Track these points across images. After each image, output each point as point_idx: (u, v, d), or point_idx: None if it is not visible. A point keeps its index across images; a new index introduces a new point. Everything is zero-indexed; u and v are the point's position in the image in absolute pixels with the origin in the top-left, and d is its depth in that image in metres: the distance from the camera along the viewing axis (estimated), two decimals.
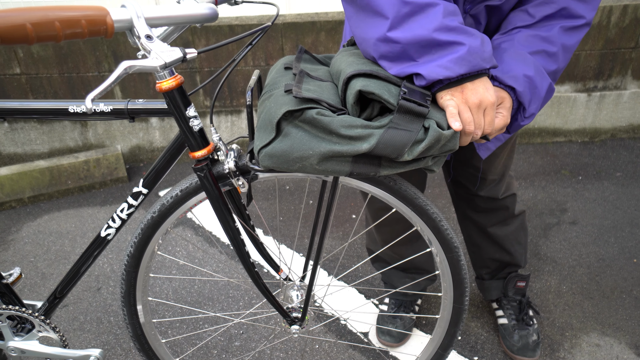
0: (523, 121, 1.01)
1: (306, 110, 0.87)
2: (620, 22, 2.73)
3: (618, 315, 1.77)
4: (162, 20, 0.81)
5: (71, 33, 0.67)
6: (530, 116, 1.00)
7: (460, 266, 1.18)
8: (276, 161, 0.91)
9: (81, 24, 0.67)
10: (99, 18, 0.69)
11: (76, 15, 0.67)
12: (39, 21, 0.64)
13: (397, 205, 1.13)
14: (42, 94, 2.84)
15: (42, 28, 0.64)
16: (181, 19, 0.85)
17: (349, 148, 0.86)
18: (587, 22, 1.02)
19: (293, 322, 1.27)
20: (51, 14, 0.65)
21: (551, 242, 2.17)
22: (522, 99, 0.97)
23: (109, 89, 0.75)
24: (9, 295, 1.29)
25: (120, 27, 0.75)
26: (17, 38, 0.63)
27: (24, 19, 0.63)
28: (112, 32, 0.72)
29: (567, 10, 1.00)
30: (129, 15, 0.76)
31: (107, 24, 0.70)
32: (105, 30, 0.71)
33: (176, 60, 0.82)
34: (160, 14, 0.81)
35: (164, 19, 0.82)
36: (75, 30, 0.67)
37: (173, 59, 0.81)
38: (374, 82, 0.88)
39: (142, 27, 0.77)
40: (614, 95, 2.94)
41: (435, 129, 0.86)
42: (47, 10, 0.65)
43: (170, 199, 1.12)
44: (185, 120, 1.00)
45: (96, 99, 0.77)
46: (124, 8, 0.76)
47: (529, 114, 0.99)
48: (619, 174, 2.66)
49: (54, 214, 2.56)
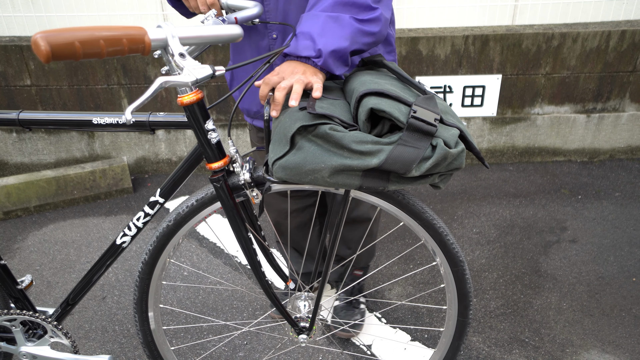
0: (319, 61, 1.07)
1: (319, 125, 0.92)
2: (619, 47, 2.80)
3: (618, 333, 1.80)
4: (193, 40, 0.86)
5: (113, 50, 0.72)
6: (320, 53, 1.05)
7: (465, 280, 1.22)
8: (289, 173, 0.95)
9: (122, 42, 0.72)
10: (139, 37, 0.74)
11: (119, 34, 0.72)
12: (86, 40, 0.69)
13: (404, 219, 1.17)
14: (51, 105, 2.89)
15: (88, 46, 0.69)
16: (211, 39, 0.90)
17: (359, 162, 0.90)
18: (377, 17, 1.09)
19: (301, 331, 1.29)
20: (97, 33, 0.70)
21: (551, 260, 2.20)
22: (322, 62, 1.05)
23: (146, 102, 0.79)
24: (22, 301, 1.31)
25: (157, 46, 0.80)
26: (67, 54, 0.68)
27: (74, 37, 0.68)
28: (149, 50, 0.77)
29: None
30: (164, 34, 0.81)
31: (145, 42, 0.75)
32: (143, 48, 0.76)
33: (206, 76, 0.86)
34: (192, 34, 0.86)
35: (195, 39, 0.87)
36: (117, 48, 0.72)
37: (204, 75, 0.86)
38: (385, 101, 0.93)
39: (176, 46, 0.82)
40: (613, 117, 3.00)
41: (443, 147, 0.90)
42: (94, 30, 0.70)
43: (186, 209, 1.16)
44: (204, 133, 1.04)
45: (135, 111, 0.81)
46: (160, 28, 0.81)
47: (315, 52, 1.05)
48: (617, 194, 2.70)
49: (60, 223, 2.58)
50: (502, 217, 2.53)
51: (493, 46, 2.79)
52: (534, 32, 2.77)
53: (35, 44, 0.66)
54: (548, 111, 2.99)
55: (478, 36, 2.76)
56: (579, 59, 2.84)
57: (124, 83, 2.84)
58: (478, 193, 2.77)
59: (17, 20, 2.86)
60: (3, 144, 2.97)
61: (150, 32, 0.78)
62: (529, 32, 2.77)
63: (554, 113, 3.00)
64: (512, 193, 2.75)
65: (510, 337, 1.79)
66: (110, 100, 2.88)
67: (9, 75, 2.79)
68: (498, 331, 1.82)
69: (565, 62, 2.85)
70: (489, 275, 2.11)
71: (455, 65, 2.83)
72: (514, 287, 2.04)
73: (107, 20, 2.87)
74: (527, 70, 2.86)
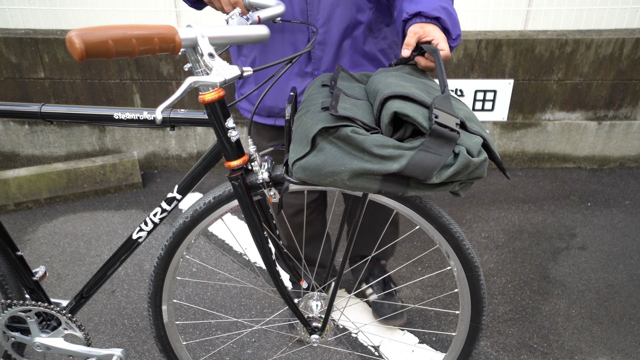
0: (453, 43, 1.18)
1: (341, 127, 0.91)
2: (632, 54, 2.79)
3: (627, 341, 1.80)
4: (223, 40, 0.87)
5: (145, 49, 0.73)
6: (457, 37, 1.17)
7: (479, 285, 1.22)
8: (309, 174, 0.94)
9: (154, 41, 0.73)
10: (169, 36, 0.75)
11: (150, 33, 0.72)
12: (119, 38, 0.70)
13: (420, 223, 1.17)
14: (63, 98, 2.90)
15: (121, 44, 0.70)
16: (240, 39, 0.91)
17: (380, 167, 0.89)
18: None
19: (313, 331, 1.30)
20: (130, 32, 0.71)
21: (560, 266, 2.19)
22: (446, 25, 1.14)
23: (177, 101, 0.80)
24: (37, 292, 1.32)
25: (187, 45, 0.80)
26: (100, 53, 0.69)
27: (107, 36, 0.69)
28: (179, 49, 0.78)
29: None
30: (194, 34, 0.82)
31: (175, 41, 0.76)
32: (174, 47, 0.76)
33: (234, 77, 0.87)
34: (222, 34, 0.86)
35: (225, 39, 0.87)
36: (148, 47, 0.73)
37: (232, 76, 0.87)
38: (409, 105, 0.92)
39: (206, 46, 0.82)
40: (624, 125, 2.99)
41: (465, 155, 0.89)
42: (126, 29, 0.70)
43: (203, 206, 1.16)
44: (224, 130, 1.05)
45: (166, 110, 0.82)
46: (190, 27, 0.81)
47: (455, 35, 1.16)
48: (627, 202, 2.69)
49: (70, 216, 2.60)
50: (510, 222, 2.53)
51: (506, 51, 2.78)
52: (547, 38, 2.76)
53: (70, 42, 0.67)
54: (559, 117, 2.98)
55: (491, 40, 2.76)
56: (592, 66, 2.83)
57: (136, 78, 2.85)
58: (487, 198, 2.76)
59: (33, 13, 2.87)
60: (15, 136, 2.99)
61: (181, 32, 0.79)
62: (542, 38, 2.76)
63: (565, 119, 2.99)
64: (521, 198, 2.74)
65: (519, 343, 1.79)
66: (122, 95, 2.90)
67: (23, 67, 2.81)
68: (506, 336, 1.82)
69: (578, 69, 2.84)
70: (498, 280, 2.11)
71: (467, 69, 2.83)
72: (523, 293, 2.04)
73: (122, 15, 2.89)
74: (539, 75, 2.86)
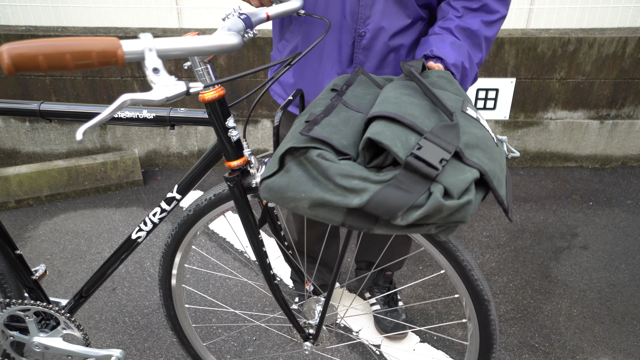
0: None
1: (311, 149, 0.83)
2: (636, 53, 2.77)
3: (629, 341, 1.79)
4: (175, 52, 0.82)
5: (82, 64, 0.72)
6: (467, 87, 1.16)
7: (489, 321, 1.10)
8: (273, 196, 0.86)
9: (91, 55, 0.71)
10: (110, 51, 0.72)
11: (86, 48, 0.71)
12: (50, 53, 0.69)
13: (425, 245, 1.09)
14: (64, 96, 2.90)
15: (53, 59, 0.70)
16: (198, 51, 0.85)
17: (340, 199, 0.79)
18: (502, 16, 1.20)
19: (307, 338, 1.28)
20: (63, 46, 0.70)
21: (562, 266, 2.19)
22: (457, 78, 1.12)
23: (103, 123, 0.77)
24: (36, 291, 1.32)
25: (132, 59, 0.77)
26: (30, 67, 0.69)
27: (38, 51, 0.69)
28: (122, 62, 0.75)
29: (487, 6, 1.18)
30: (141, 47, 0.77)
31: (117, 55, 0.73)
32: (116, 61, 0.74)
33: (178, 94, 0.81)
34: (175, 46, 0.82)
35: (177, 51, 0.82)
36: (85, 61, 0.72)
37: (174, 93, 0.80)
38: (393, 128, 0.81)
39: (151, 60, 0.78)
40: (627, 124, 2.98)
41: (437, 197, 0.75)
42: (60, 43, 0.70)
43: (205, 201, 1.17)
44: (224, 130, 1.04)
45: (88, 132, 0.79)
46: (137, 40, 0.78)
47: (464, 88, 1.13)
48: (629, 202, 2.68)
49: (70, 214, 2.59)
50: None
51: (508, 49, 2.77)
52: (549, 37, 2.75)
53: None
54: (561, 116, 2.97)
55: None
56: (595, 65, 2.82)
57: (137, 76, 2.84)
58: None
59: (34, 10, 2.87)
60: (16, 133, 2.99)
61: (125, 45, 0.75)
62: (545, 36, 2.75)
63: (567, 118, 2.98)
64: (522, 197, 2.73)
65: (520, 342, 1.79)
66: (123, 92, 2.89)
67: None
68: (508, 335, 1.81)
69: (580, 68, 2.82)
70: (499, 279, 2.10)
71: None
72: (524, 292, 2.03)
73: (122, 12, 2.88)
74: (541, 74, 2.84)
